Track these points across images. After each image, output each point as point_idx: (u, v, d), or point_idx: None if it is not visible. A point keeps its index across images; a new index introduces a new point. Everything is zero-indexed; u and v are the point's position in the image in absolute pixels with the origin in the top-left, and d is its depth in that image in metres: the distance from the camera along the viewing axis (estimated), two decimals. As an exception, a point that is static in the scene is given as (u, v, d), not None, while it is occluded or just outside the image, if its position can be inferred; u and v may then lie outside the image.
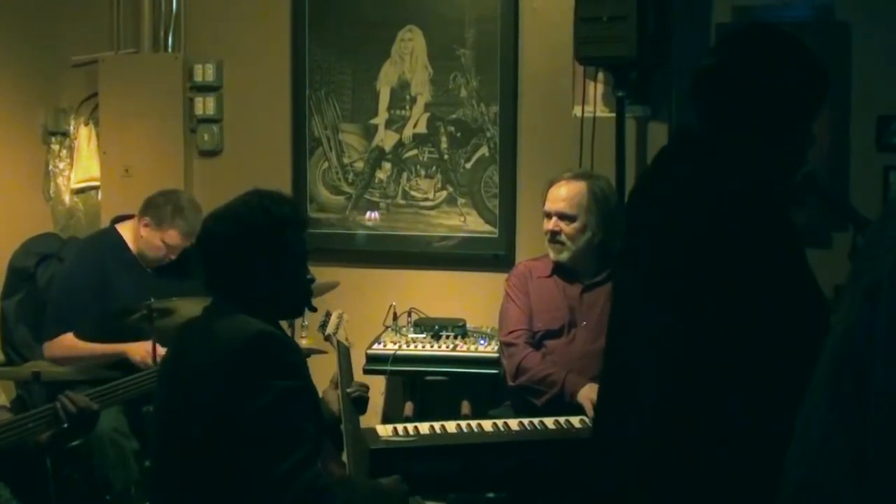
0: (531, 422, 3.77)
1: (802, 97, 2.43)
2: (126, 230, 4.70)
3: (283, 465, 2.67)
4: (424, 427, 3.69)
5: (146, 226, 4.57)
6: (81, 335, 4.27)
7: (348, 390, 3.55)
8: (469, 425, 3.73)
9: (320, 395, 3.42)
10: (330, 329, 4.04)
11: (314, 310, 3.42)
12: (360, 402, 3.63)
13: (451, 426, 3.71)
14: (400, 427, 3.70)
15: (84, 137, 5.52)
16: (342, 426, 3.47)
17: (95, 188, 5.55)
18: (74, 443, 3.87)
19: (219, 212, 2.98)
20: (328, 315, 4.12)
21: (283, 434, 2.71)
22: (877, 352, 1.31)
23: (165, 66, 5.42)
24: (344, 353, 3.85)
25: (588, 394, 3.90)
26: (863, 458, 1.31)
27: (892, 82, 4.66)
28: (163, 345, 3.89)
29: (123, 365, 4.30)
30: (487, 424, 3.75)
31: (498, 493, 3.77)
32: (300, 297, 3.05)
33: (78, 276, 4.60)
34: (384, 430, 3.65)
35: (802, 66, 2.44)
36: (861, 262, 1.43)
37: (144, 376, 3.60)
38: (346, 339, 4.00)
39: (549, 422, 3.78)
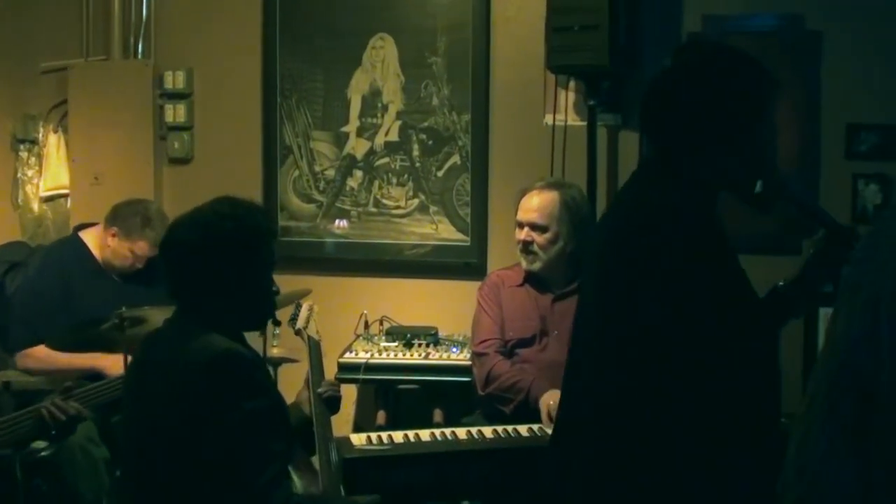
0: (505, 429, 3.78)
1: (735, 100, 2.44)
2: (89, 237, 4.67)
3: (253, 486, 2.64)
4: (398, 435, 3.69)
5: (114, 236, 4.54)
6: (52, 345, 4.23)
7: (319, 390, 3.49)
8: (443, 433, 3.74)
9: (293, 399, 3.40)
10: (300, 323, 4.00)
11: (277, 323, 3.40)
12: (332, 402, 3.58)
13: (424, 434, 3.72)
14: (374, 436, 3.69)
15: (53, 145, 5.48)
16: (314, 428, 3.43)
17: (65, 196, 5.50)
18: (44, 453, 3.85)
19: (185, 218, 2.91)
20: (298, 307, 4.09)
21: (251, 455, 2.68)
22: (883, 365, 1.31)
23: (135, 73, 5.39)
24: (314, 348, 3.82)
25: (547, 399, 3.90)
26: (868, 471, 1.31)
27: (861, 91, 4.71)
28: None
29: (97, 377, 4.26)
30: (461, 432, 3.76)
31: (473, 500, 3.77)
32: (264, 310, 3.01)
33: (41, 284, 4.56)
34: (358, 439, 3.64)
35: (731, 68, 2.46)
36: (856, 275, 1.44)
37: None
38: (317, 332, 3.97)
39: (523, 429, 3.79)
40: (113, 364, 4.26)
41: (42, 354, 4.37)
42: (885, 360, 1.31)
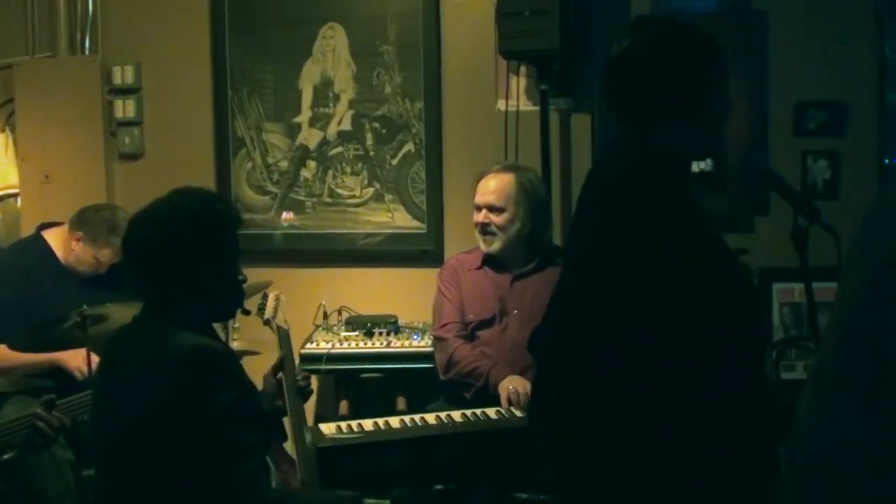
0: (473, 412, 3.81)
1: (694, 69, 2.49)
2: (53, 238, 4.61)
3: (230, 480, 2.64)
4: (368, 423, 3.71)
5: (79, 240, 4.48)
6: (13, 346, 4.19)
7: (297, 380, 3.48)
8: (413, 419, 3.76)
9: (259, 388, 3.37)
10: (268, 313, 3.98)
11: (247, 312, 3.38)
12: (303, 391, 3.56)
13: (394, 421, 3.74)
14: (343, 425, 3.70)
15: (1, 144, 5.40)
16: (287, 416, 3.41)
17: (14, 196, 5.43)
18: (7, 456, 3.82)
19: (144, 215, 2.86)
20: (265, 297, 4.07)
21: (228, 449, 2.68)
22: (891, 329, 1.34)
23: (83, 69, 5.32)
24: (284, 338, 3.80)
25: (507, 385, 3.96)
26: (876, 434, 1.34)
27: (808, 69, 4.79)
28: (97, 352, 3.83)
29: (57, 374, 4.23)
30: (431, 418, 3.79)
31: (445, 484, 3.79)
32: (232, 300, 2.99)
33: (3, 287, 4.51)
34: (328, 428, 3.65)
35: (687, 40, 2.51)
36: (864, 239, 1.47)
37: None
38: (286, 322, 3.96)
39: (492, 412, 3.83)
40: (72, 357, 4.25)
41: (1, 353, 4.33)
42: (894, 325, 1.34)
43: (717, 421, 2.30)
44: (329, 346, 4.63)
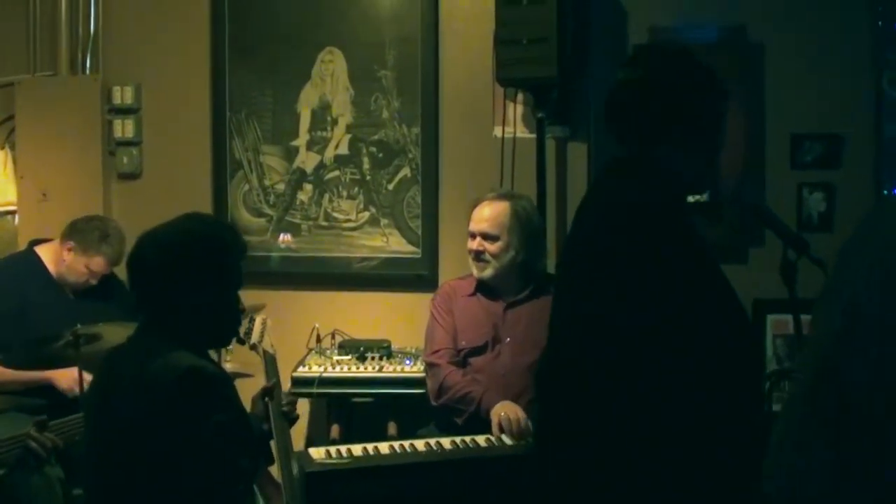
0: (463, 440, 3.81)
1: (700, 95, 2.52)
2: (45, 252, 4.63)
3: (219, 503, 2.65)
4: (357, 449, 3.70)
5: (70, 250, 4.51)
6: (5, 364, 4.20)
7: (283, 406, 3.48)
8: (402, 446, 3.75)
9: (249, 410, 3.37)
10: (255, 337, 3.97)
11: (242, 342, 3.38)
12: (290, 416, 3.56)
13: (383, 447, 3.73)
14: (332, 449, 3.69)
15: (0, 161, 5.42)
16: (273, 441, 3.41)
17: (12, 213, 5.45)
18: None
19: (154, 235, 2.88)
20: (252, 321, 4.07)
21: (220, 470, 2.69)
22: (861, 365, 1.36)
23: (83, 88, 5.35)
24: (270, 363, 3.79)
25: (498, 410, 3.95)
26: (843, 464, 1.36)
27: (804, 101, 4.81)
28: (89, 371, 3.83)
29: (48, 392, 4.23)
30: (420, 444, 3.78)
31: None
32: (229, 327, 3.01)
33: None
34: (317, 453, 3.64)
35: (693, 73, 2.54)
36: (835, 279, 1.49)
37: None
38: (272, 347, 3.96)
39: (481, 439, 3.82)
40: (62, 377, 4.27)
41: None
42: (863, 362, 1.36)
43: (715, 421, 2.31)
44: (322, 369, 4.63)
